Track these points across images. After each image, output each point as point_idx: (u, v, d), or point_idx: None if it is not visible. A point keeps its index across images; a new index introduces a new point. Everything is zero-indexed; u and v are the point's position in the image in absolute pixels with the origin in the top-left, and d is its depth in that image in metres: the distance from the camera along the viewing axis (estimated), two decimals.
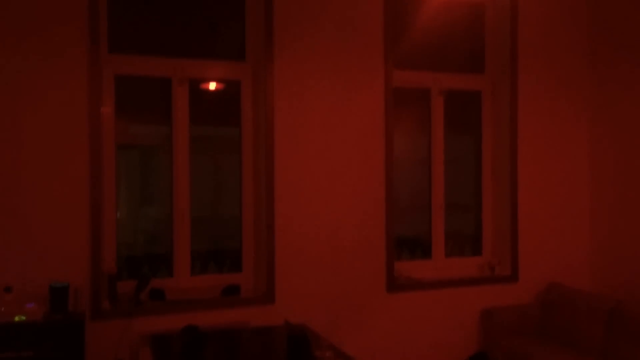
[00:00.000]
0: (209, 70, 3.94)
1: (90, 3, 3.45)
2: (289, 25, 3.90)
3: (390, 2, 4.13)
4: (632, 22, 4.35)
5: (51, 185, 3.39)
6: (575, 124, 4.69)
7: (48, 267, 3.37)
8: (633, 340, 3.75)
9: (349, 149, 4.05)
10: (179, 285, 3.82)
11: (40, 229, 3.37)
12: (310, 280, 3.94)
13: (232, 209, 4.08)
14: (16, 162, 3.33)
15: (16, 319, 3.10)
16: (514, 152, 4.49)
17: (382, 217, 4.12)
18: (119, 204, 3.73)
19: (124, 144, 3.75)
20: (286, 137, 3.89)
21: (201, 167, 3.97)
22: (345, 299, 4.03)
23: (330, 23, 3.99)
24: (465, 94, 4.63)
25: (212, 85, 4.04)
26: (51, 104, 3.39)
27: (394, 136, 4.16)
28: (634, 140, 4.32)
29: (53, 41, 3.39)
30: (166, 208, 3.90)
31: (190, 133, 3.87)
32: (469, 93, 4.64)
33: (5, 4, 3.32)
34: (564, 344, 4.13)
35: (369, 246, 4.09)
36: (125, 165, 3.80)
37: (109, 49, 3.68)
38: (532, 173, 4.56)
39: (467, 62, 4.69)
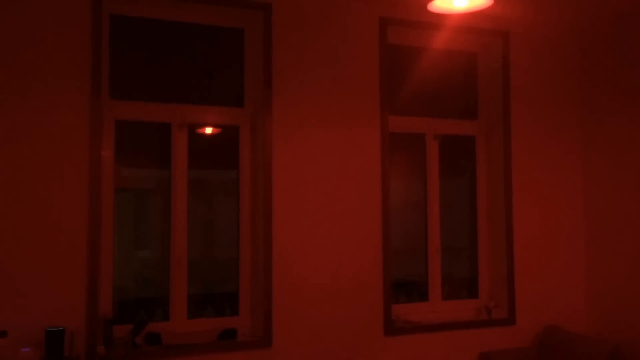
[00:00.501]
0: (208, 116, 4.00)
1: (93, 51, 3.53)
2: (287, 72, 3.98)
3: (385, 51, 4.23)
4: (621, 67, 4.46)
5: (49, 229, 3.40)
6: (569, 167, 4.76)
7: (44, 312, 3.35)
8: None
9: (346, 192, 4.08)
10: (176, 329, 3.78)
11: (37, 273, 3.36)
12: (307, 323, 3.91)
13: (228, 252, 4.08)
14: (15, 205, 3.34)
15: None
16: (508, 195, 4.53)
17: (380, 260, 4.12)
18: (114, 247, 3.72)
19: (118, 187, 3.76)
20: (284, 181, 3.93)
21: (197, 211, 3.98)
22: (343, 342, 3.99)
23: (328, 70, 4.08)
24: (459, 138, 4.69)
25: (209, 130, 4.08)
26: (52, 148, 3.43)
27: (390, 180, 4.19)
28: (628, 182, 4.38)
29: (57, 87, 3.46)
30: (161, 251, 3.90)
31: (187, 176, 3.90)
32: (463, 138, 4.70)
33: (12, 51, 3.38)
34: None
35: (366, 289, 4.08)
36: (119, 208, 3.79)
37: (110, 95, 3.74)
38: (528, 215, 4.59)
39: (461, 108, 4.77)
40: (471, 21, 4.43)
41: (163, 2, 3.82)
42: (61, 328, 3.22)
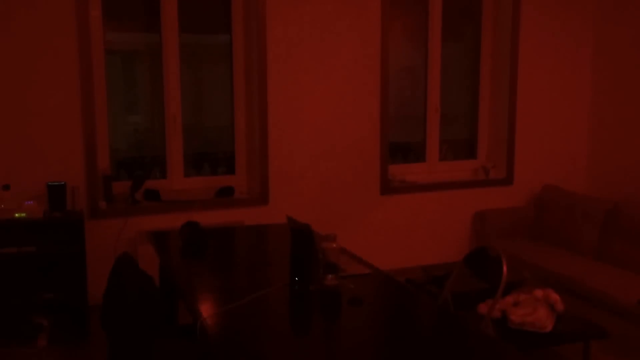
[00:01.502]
0: None
1: None
2: None
3: None
4: None
5: (45, 86, 3.59)
6: (581, 28, 4.81)
7: (44, 167, 3.63)
8: (627, 242, 4.03)
9: (345, 52, 4.20)
10: (173, 186, 4.09)
11: (36, 129, 3.60)
12: (304, 183, 4.20)
13: (221, 118, 4.27)
14: (10, 68, 3.51)
15: (16, 215, 3.37)
16: (514, 55, 4.63)
17: (377, 121, 4.33)
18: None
19: (106, 48, 3.87)
20: (279, 42, 4.04)
21: (188, 77, 4.12)
22: (340, 201, 4.30)
23: None
24: None
25: None
26: (39, 6, 3.52)
27: (389, 40, 4.29)
28: (638, 48, 4.45)
29: None
30: (154, 113, 4.09)
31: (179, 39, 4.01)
32: None
33: None
34: (558, 245, 4.43)
35: (363, 150, 4.33)
36: (108, 71, 3.93)
37: None
38: (533, 77, 4.72)
39: None
40: None
41: None
42: (62, 182, 3.51)
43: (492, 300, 2.53)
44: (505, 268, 2.50)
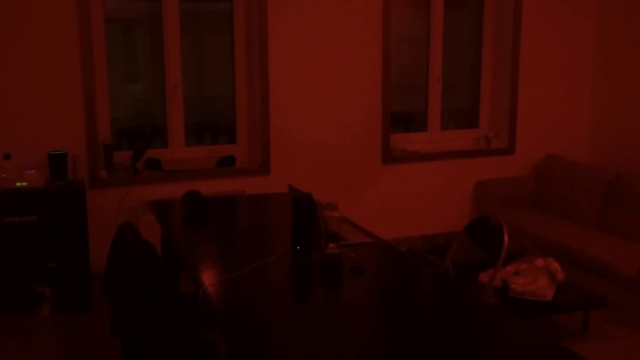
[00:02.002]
0: None
1: None
2: None
3: None
4: None
5: (45, 55, 3.55)
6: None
7: (45, 136, 3.60)
8: (629, 211, 4.01)
9: (347, 21, 4.13)
10: (174, 155, 4.06)
11: (36, 98, 3.56)
12: (305, 152, 4.18)
13: (221, 88, 4.22)
14: (9, 37, 3.46)
15: (17, 184, 3.36)
16: (517, 23, 4.56)
17: (379, 91, 4.29)
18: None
19: (106, 17, 3.81)
20: (280, 9, 3.97)
21: (189, 45, 4.06)
22: (341, 171, 4.28)
23: None
24: None
25: None
26: None
27: (391, 7, 4.22)
28: None
29: None
30: (155, 82, 4.04)
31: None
32: None
33: None
34: (559, 215, 4.42)
35: (364, 119, 4.29)
36: (109, 39, 3.87)
37: None
38: (535, 45, 4.66)
39: None
40: None
41: None
42: (63, 152, 3.48)
43: (493, 270, 2.52)
44: (506, 237, 2.49)
